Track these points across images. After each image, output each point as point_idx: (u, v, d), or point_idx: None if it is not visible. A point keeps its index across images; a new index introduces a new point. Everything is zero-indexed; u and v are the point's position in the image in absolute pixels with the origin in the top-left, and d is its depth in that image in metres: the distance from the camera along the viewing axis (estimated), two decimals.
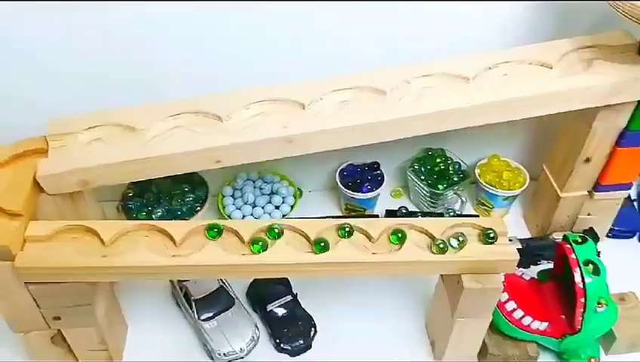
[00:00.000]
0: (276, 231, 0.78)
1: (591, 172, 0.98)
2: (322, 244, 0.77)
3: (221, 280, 1.00)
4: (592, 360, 0.94)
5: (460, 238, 0.79)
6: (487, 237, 0.80)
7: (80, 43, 0.92)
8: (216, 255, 0.76)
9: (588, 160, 0.96)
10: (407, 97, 0.85)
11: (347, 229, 0.78)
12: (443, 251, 0.78)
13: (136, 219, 1.06)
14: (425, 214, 1.13)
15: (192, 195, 1.09)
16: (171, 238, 0.77)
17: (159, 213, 1.06)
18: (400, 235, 0.80)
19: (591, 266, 0.86)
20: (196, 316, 0.96)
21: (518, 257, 0.79)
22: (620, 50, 0.87)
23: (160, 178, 1.09)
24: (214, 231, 0.77)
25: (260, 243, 0.77)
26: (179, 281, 1.00)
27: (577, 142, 0.95)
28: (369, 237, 0.80)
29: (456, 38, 0.96)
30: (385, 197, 1.21)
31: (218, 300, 0.98)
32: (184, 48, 0.95)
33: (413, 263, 0.79)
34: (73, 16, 0.89)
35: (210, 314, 0.96)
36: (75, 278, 0.77)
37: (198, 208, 1.08)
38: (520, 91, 0.83)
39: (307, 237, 0.79)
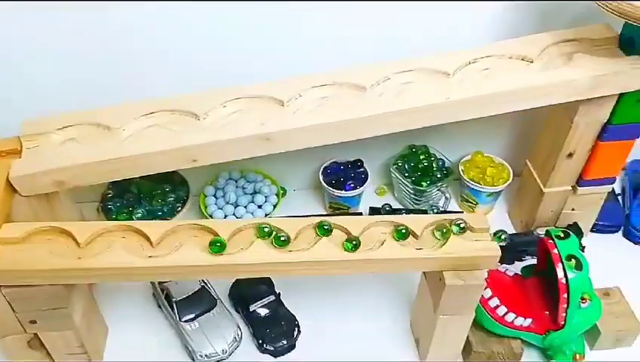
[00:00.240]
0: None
1: (574, 167, 0.98)
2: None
3: (203, 280, 0.99)
4: (577, 356, 0.93)
5: (462, 225, 0.79)
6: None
7: (57, 43, 0.91)
8: (193, 255, 0.75)
9: (570, 155, 0.95)
10: (388, 93, 0.84)
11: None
12: (446, 237, 0.78)
13: (116, 220, 1.04)
14: (409, 211, 1.12)
15: (173, 195, 1.08)
16: (148, 239, 0.76)
17: (139, 214, 1.04)
18: (404, 231, 0.79)
19: (573, 261, 0.85)
20: (177, 317, 0.95)
21: (499, 253, 0.79)
22: (601, 44, 0.86)
23: (140, 178, 1.09)
24: (217, 246, 0.75)
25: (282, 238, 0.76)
26: (160, 282, 0.98)
27: (559, 137, 0.94)
28: (349, 235, 0.79)
29: (438, 34, 0.95)
30: (369, 195, 1.20)
31: (200, 301, 0.96)
32: (163, 48, 0.93)
33: (394, 261, 0.78)
34: (49, 16, 0.87)
35: (192, 316, 0.95)
36: (49, 281, 0.75)
37: (179, 208, 1.07)
38: (500, 86, 0.82)
39: (287, 236, 0.78)
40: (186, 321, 0.94)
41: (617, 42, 0.86)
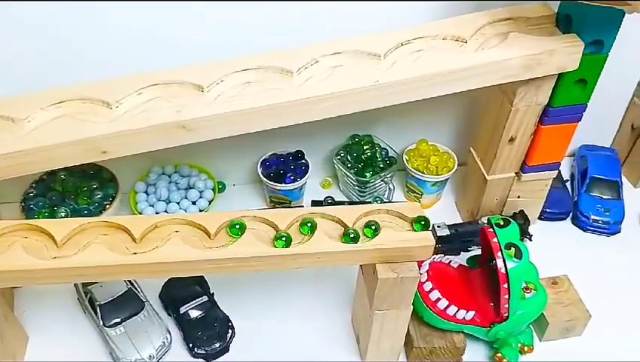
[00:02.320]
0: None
1: (516, 153, 0.94)
2: (238, 227, 0.72)
3: (130, 282, 0.93)
4: (525, 348, 0.90)
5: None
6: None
7: None
8: (101, 255, 0.69)
9: (512, 140, 0.92)
10: (315, 77, 0.79)
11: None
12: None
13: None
14: (353, 204, 1.07)
15: (100, 193, 1.01)
16: (52, 238, 0.70)
17: (63, 213, 0.98)
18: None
19: (513, 250, 0.82)
20: (101, 322, 0.88)
21: (434, 243, 0.75)
22: (537, 23, 0.83)
23: (66, 175, 1.03)
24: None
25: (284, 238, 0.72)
26: (83, 285, 0.92)
27: (500, 122, 0.91)
28: (276, 229, 0.74)
29: (370, 14, 0.90)
30: (314, 188, 1.15)
31: (126, 304, 0.90)
32: (75, 34, 0.87)
33: (324, 254, 0.73)
34: None
35: (117, 320, 0.89)
36: None
37: (108, 206, 1.00)
38: (432, 68, 0.78)
39: (207, 232, 0.73)
40: (110, 326, 0.88)
41: (554, 20, 0.83)
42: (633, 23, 0.83)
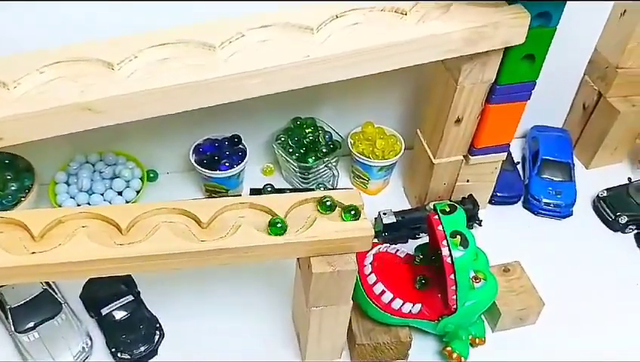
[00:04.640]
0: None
1: (463, 134, 0.89)
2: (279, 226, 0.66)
3: (46, 282, 0.85)
4: (477, 340, 0.86)
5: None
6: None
7: None
8: None
9: (459, 120, 0.87)
10: (241, 52, 0.71)
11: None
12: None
13: None
14: (293, 191, 1.01)
15: (15, 184, 0.92)
16: None
17: None
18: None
19: (459, 238, 0.76)
20: (12, 327, 0.80)
21: (372, 233, 0.69)
22: None
23: None
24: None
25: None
26: None
27: (445, 102, 0.85)
28: (198, 222, 0.67)
29: None
30: (255, 175, 1.08)
31: (41, 307, 0.82)
32: None
33: (251, 249, 0.66)
34: None
35: (31, 325, 0.81)
36: None
37: (23, 198, 0.91)
38: (369, 42, 0.71)
39: (118, 227, 0.65)
40: (22, 332, 0.80)
41: None
42: None
